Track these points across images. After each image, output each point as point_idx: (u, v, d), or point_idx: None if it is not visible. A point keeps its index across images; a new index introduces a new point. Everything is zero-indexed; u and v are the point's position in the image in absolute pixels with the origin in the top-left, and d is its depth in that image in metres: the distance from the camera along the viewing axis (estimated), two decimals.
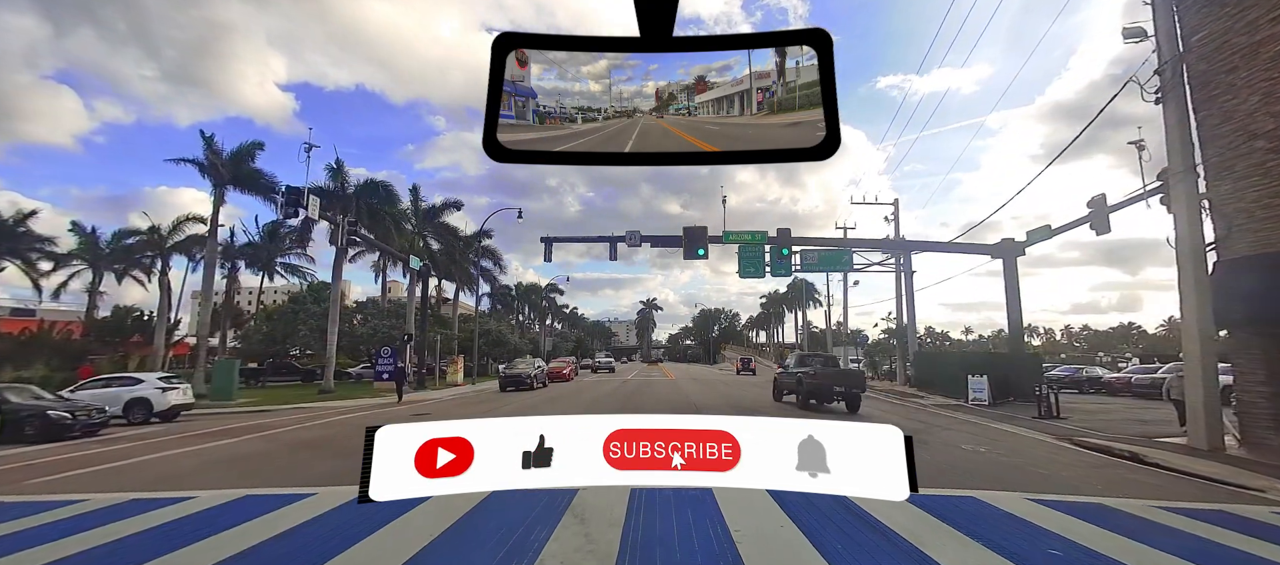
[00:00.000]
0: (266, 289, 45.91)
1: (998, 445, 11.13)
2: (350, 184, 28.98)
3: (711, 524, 5.42)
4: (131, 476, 8.68)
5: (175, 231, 31.41)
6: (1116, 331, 74.02)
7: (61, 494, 7.36)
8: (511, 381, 28.46)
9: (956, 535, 5.21)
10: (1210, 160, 11.92)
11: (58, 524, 5.91)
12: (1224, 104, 11.61)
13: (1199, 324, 11.40)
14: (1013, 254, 24.85)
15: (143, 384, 17.55)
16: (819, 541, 4.97)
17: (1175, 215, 12.03)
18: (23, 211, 31.27)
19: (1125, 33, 13.24)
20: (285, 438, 12.75)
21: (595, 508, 5.87)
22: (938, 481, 7.68)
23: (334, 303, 28.81)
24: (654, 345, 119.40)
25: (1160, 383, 22.83)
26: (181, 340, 42.54)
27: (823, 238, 33.63)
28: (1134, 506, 6.48)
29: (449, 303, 45.97)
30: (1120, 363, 39.47)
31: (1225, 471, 8.79)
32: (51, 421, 13.61)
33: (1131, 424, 14.79)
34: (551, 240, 29.15)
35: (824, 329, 63.99)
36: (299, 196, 22.94)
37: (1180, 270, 11.83)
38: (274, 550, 5.00)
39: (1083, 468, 9.06)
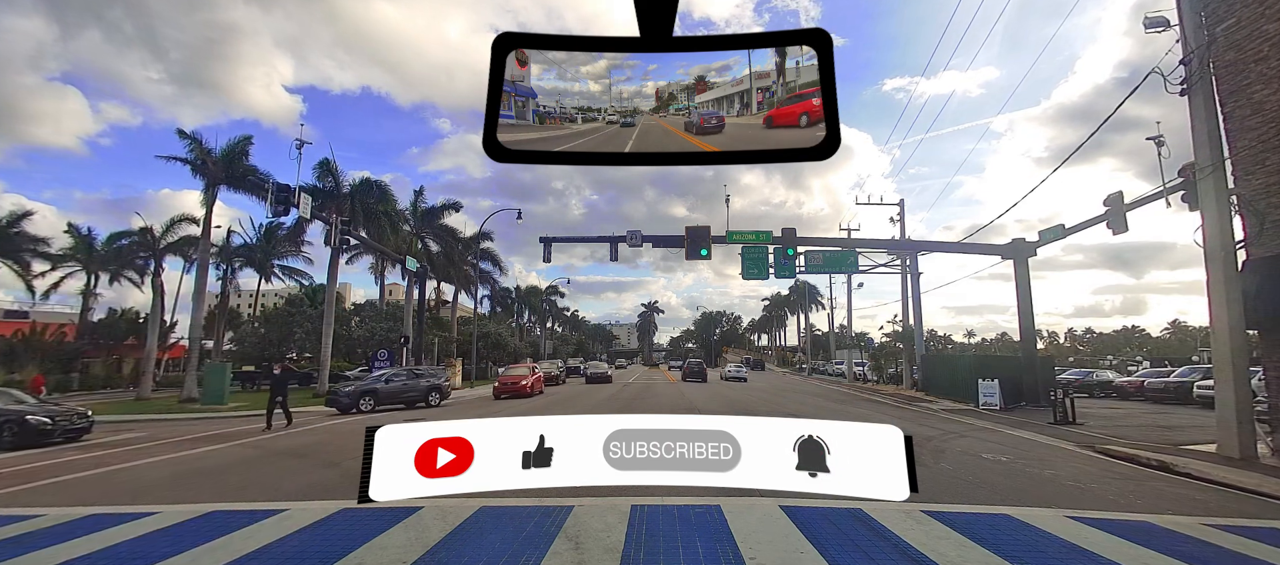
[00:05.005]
0: (265, 292, 45.50)
1: (1019, 454, 10.56)
2: (345, 183, 28.47)
3: (722, 548, 4.86)
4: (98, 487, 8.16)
5: (168, 232, 31.00)
6: (1120, 335, 73.34)
7: (20, 508, 6.84)
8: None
9: (998, 561, 4.65)
10: (1239, 154, 11.37)
11: (2, 544, 5.38)
12: (1254, 95, 11.05)
13: (1229, 324, 10.82)
14: (1024, 254, 24.25)
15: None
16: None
17: (1202, 212, 11.46)
18: (16, 212, 30.89)
19: (1147, 22, 12.72)
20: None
21: (591, 530, 5.32)
22: (964, 495, 7.13)
23: (329, 304, 28.30)
24: (655, 348, 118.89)
25: (1178, 386, 22.32)
26: (176, 343, 42.12)
27: (828, 238, 33.05)
28: (1183, 525, 5.92)
29: (448, 305, 45.46)
30: (1130, 366, 38.88)
31: (1266, 483, 8.23)
32: (30, 427, 13.10)
33: (1153, 430, 14.21)
34: (551, 241, 28.60)
35: (827, 332, 63.57)
36: (289, 194, 22.41)
37: (1208, 269, 11.26)
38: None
39: (1114, 479, 8.49)
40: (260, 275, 40.27)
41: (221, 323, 37.24)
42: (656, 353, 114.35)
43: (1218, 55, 11.56)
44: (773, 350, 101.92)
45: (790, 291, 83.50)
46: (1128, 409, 20.32)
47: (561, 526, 5.42)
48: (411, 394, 21.44)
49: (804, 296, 74.79)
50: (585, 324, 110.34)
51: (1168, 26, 12.37)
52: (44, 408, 14.40)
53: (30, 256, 31.69)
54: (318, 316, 32.64)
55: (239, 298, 51.50)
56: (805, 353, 69.27)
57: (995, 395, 19.72)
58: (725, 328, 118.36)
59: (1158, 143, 15.58)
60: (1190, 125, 11.59)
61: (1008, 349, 54.58)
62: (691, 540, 5.07)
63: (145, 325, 31.57)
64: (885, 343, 39.93)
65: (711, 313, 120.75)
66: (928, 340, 33.95)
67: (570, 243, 45.60)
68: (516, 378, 25.69)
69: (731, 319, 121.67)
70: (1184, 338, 61.45)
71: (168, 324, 38.28)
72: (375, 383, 21.44)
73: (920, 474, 1.55)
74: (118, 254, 33.55)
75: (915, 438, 1.59)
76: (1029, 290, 24.23)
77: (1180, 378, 23.23)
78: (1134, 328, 74.39)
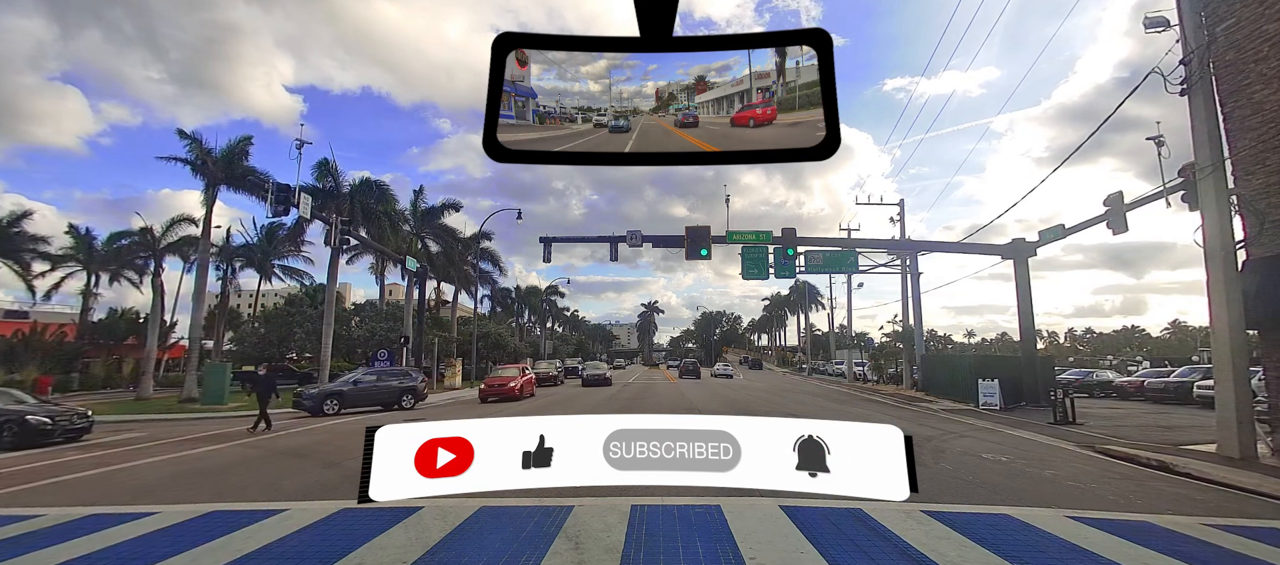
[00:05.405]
0: (265, 292, 45.49)
1: (1019, 454, 10.56)
2: (345, 182, 28.47)
3: (722, 548, 4.86)
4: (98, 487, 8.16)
5: (168, 232, 30.98)
6: (1120, 335, 73.30)
7: (20, 508, 6.84)
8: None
9: (998, 561, 4.65)
10: (1239, 154, 11.37)
11: (2, 544, 5.38)
12: (1254, 95, 11.05)
13: (1229, 324, 10.82)
14: (1024, 254, 24.25)
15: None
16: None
17: (1202, 212, 11.46)
18: (15, 212, 30.90)
19: (1147, 22, 12.72)
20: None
21: (591, 530, 5.32)
22: (965, 495, 7.13)
23: (329, 304, 28.29)
24: (655, 348, 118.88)
25: (1178, 386, 22.32)
26: (176, 343, 42.11)
27: (828, 238, 33.05)
28: (1183, 525, 5.92)
29: (448, 305, 45.46)
30: (1130, 366, 38.86)
31: (1266, 482, 8.22)
32: (30, 427, 13.10)
33: (1153, 430, 14.21)
34: (551, 240, 28.61)
35: (827, 332, 63.55)
36: (289, 194, 22.41)
37: (1208, 269, 11.26)
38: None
39: (1114, 479, 8.49)
40: (260, 275, 40.27)
41: (221, 323, 37.23)
42: (656, 353, 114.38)
43: (1218, 55, 11.56)
44: (773, 350, 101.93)
45: (790, 291, 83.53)
46: (1128, 409, 20.32)
47: (561, 526, 5.42)
48: (382, 396, 20.45)
49: (804, 296, 74.79)
50: (585, 324, 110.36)
51: (1168, 26, 12.37)
52: (44, 408, 14.40)
53: (30, 256, 31.69)
54: (318, 316, 32.64)
55: (239, 297, 51.50)
56: (805, 353, 69.26)
57: (995, 395, 19.71)
58: (725, 328, 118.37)
59: (1158, 143, 15.58)
60: (1190, 125, 11.59)
61: (1008, 349, 54.56)
62: (691, 540, 5.07)
63: (145, 325, 31.56)
64: (885, 343, 39.93)
65: (711, 313, 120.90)
66: (928, 340, 33.94)
67: (570, 243, 45.59)
68: (504, 379, 24.56)
69: (731, 319, 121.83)
70: (1184, 338, 61.43)
71: (168, 324, 38.26)
72: (343, 385, 20.54)
73: (920, 474, 1.55)
74: (118, 254, 33.55)
75: (915, 438, 1.58)
76: (1029, 290, 24.24)
77: (1180, 378, 23.22)
78: (1134, 328, 74.37)
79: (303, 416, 18.42)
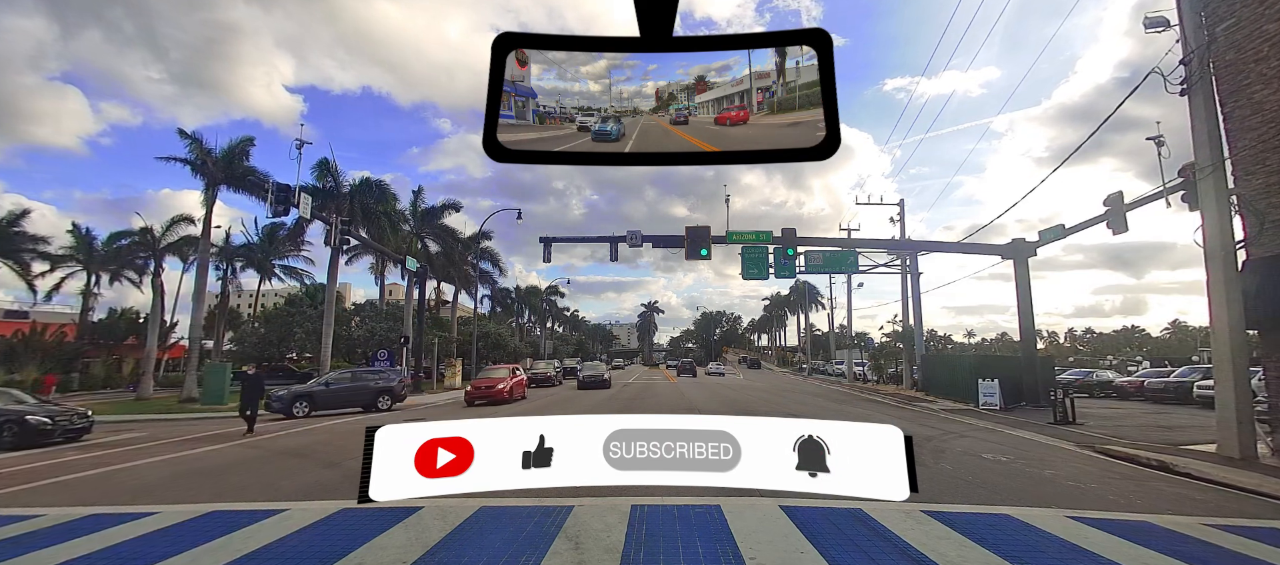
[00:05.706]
0: (265, 292, 45.50)
1: (1019, 454, 10.56)
2: (345, 182, 28.48)
3: (722, 548, 4.86)
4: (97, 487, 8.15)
5: (168, 232, 30.99)
6: (1120, 335, 73.31)
7: (20, 508, 6.84)
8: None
9: (998, 561, 4.65)
10: (1239, 154, 11.36)
11: (2, 544, 5.38)
12: (1254, 95, 11.05)
13: (1229, 324, 10.82)
14: (1024, 254, 24.24)
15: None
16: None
17: (1202, 212, 11.45)
18: (15, 211, 30.91)
19: (1147, 22, 12.72)
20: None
21: (591, 530, 5.32)
22: (964, 495, 7.13)
23: (329, 304, 28.29)
24: (655, 348, 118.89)
25: (1178, 386, 22.32)
26: (176, 343, 42.12)
27: (828, 238, 33.04)
28: (1183, 525, 5.92)
29: (448, 305, 45.47)
30: (1130, 366, 38.85)
31: (1266, 482, 8.22)
32: (31, 427, 13.11)
33: (1153, 430, 14.20)
34: (551, 240, 28.60)
35: (827, 332, 63.55)
36: (289, 194, 22.41)
37: (1208, 269, 11.26)
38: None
39: (1114, 479, 8.49)
40: (261, 275, 40.27)
41: (221, 323, 37.24)
42: (656, 353, 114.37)
43: (1218, 55, 11.56)
44: (773, 350, 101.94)
45: (790, 291, 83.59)
46: (1128, 409, 20.32)
47: (561, 526, 5.42)
48: (357, 398, 19.49)
49: (804, 296, 74.80)
50: (585, 324, 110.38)
51: (1168, 26, 12.36)
52: (44, 408, 14.42)
53: (30, 256, 31.71)
54: (318, 316, 32.64)
55: (239, 297, 51.44)
56: (805, 353, 69.26)
57: (995, 395, 19.70)
58: (725, 328, 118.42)
59: (1158, 143, 15.58)
60: (1190, 125, 11.59)
61: (1008, 349, 54.56)
62: (691, 540, 5.07)
63: (145, 325, 31.58)
64: (885, 343, 39.93)
65: (711, 313, 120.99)
66: (928, 340, 33.94)
67: (570, 243, 45.59)
68: (492, 381, 22.89)
69: (731, 319, 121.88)
70: (1184, 338, 61.45)
71: (168, 324, 38.29)
72: (315, 386, 19.74)
73: (920, 474, 1.55)
74: (118, 254, 33.56)
75: (915, 438, 1.57)
76: (1029, 290, 24.23)
77: (1180, 378, 23.21)
78: (1134, 328, 74.41)
79: (277, 417, 17.85)
